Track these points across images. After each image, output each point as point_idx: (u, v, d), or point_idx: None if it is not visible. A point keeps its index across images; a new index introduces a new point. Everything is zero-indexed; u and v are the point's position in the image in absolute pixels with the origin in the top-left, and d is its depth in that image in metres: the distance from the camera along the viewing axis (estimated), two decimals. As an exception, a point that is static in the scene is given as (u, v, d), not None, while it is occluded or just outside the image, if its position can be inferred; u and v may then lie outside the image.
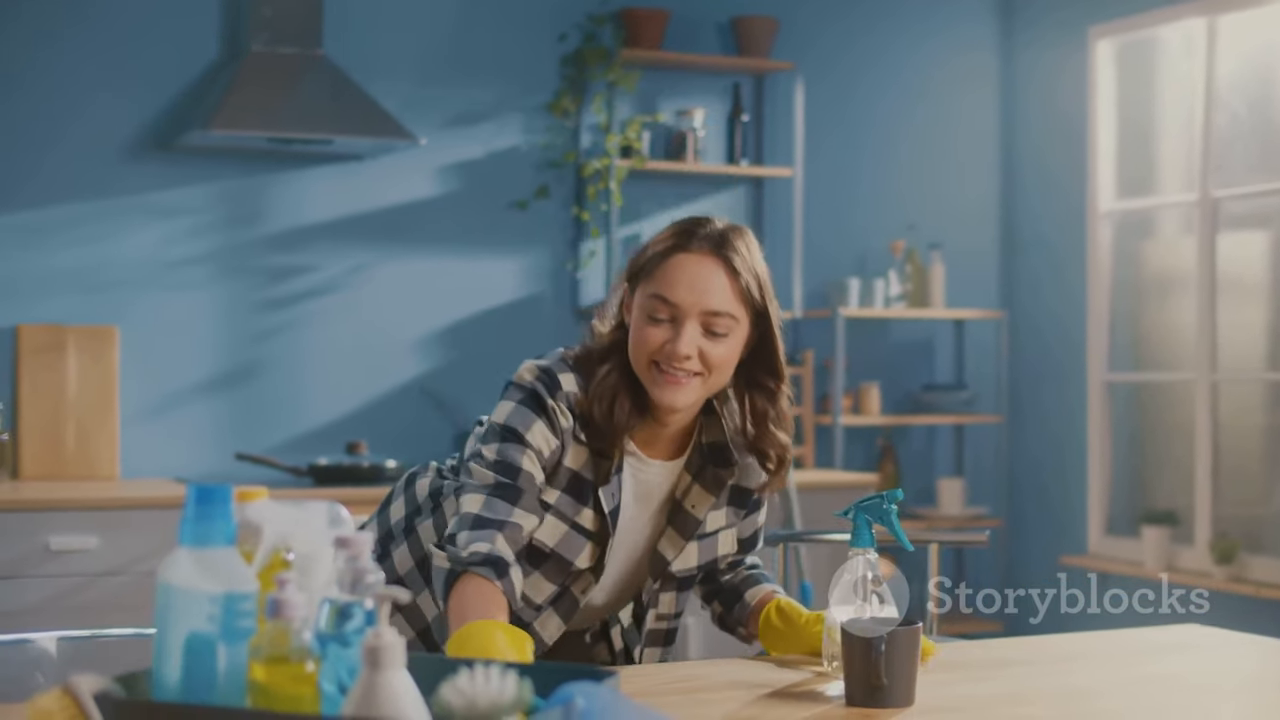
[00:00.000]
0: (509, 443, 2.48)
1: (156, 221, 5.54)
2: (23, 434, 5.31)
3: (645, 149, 6.07)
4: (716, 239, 2.49)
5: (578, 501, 2.54)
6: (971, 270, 6.73)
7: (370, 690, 1.47)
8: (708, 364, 2.48)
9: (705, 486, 2.63)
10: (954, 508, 6.47)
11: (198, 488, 1.58)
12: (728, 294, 2.47)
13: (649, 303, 2.48)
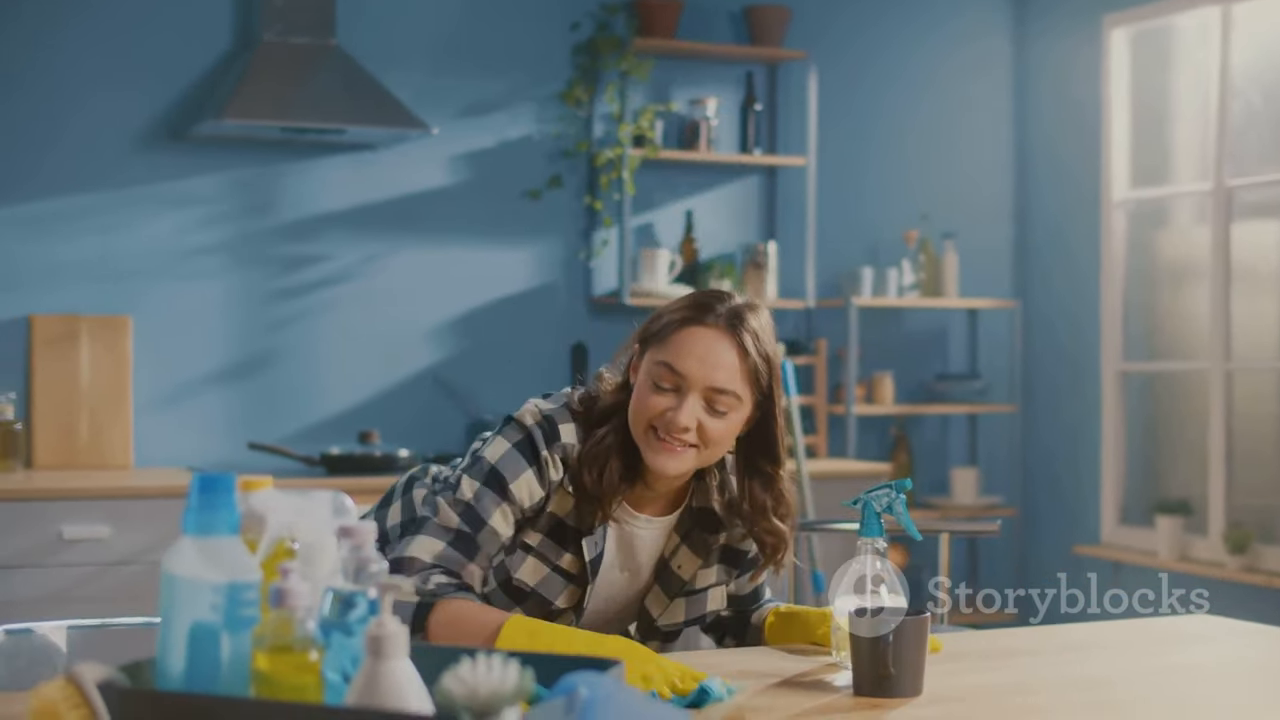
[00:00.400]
0: (489, 489, 2.50)
1: (170, 211, 5.54)
2: (36, 423, 5.32)
3: (658, 138, 6.06)
4: (732, 316, 2.49)
5: (559, 545, 2.56)
6: (985, 260, 6.71)
7: (373, 679, 1.47)
8: (705, 438, 2.49)
9: (693, 549, 2.65)
10: (967, 497, 6.46)
11: (201, 477, 1.58)
12: (735, 373, 2.48)
13: (656, 369, 2.49)
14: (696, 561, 2.65)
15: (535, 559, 2.55)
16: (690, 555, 2.65)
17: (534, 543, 2.55)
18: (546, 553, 2.55)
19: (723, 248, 6.32)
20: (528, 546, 2.55)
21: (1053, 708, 2.23)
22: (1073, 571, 6.46)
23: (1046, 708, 2.24)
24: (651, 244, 6.18)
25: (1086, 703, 2.27)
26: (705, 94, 6.22)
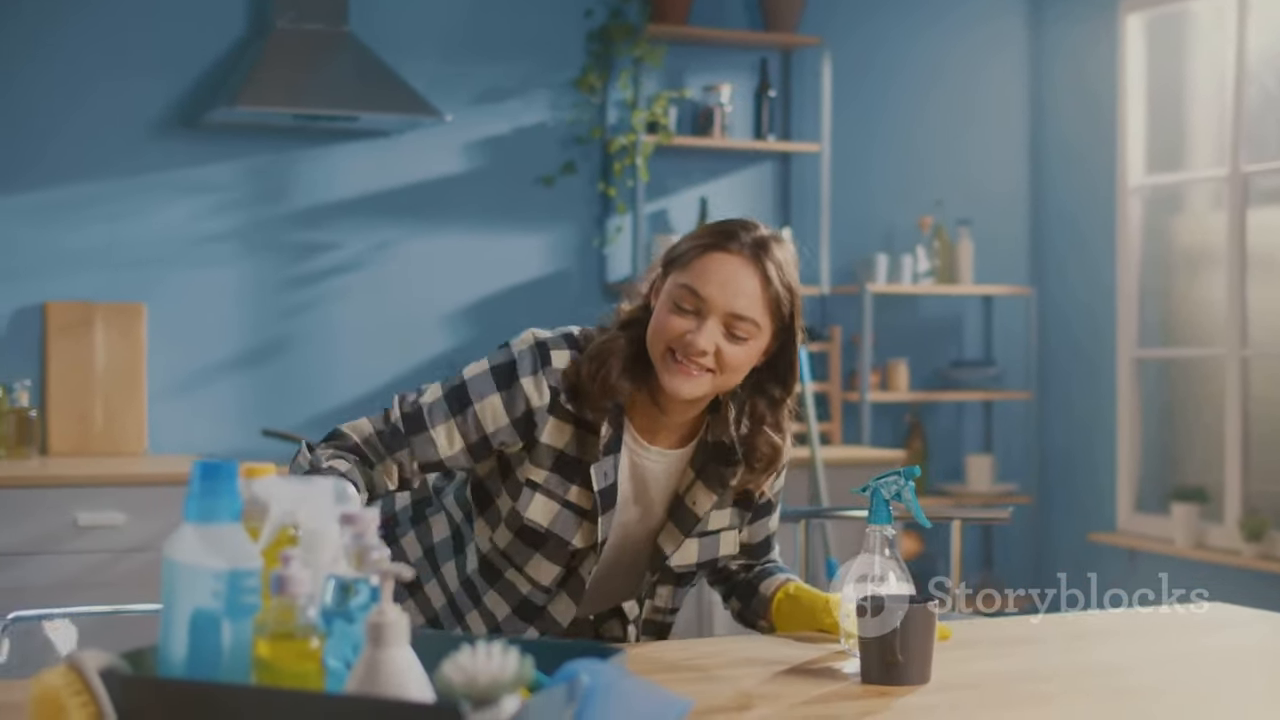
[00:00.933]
0: (447, 402, 2.50)
1: (183, 198, 5.55)
2: (51, 410, 5.33)
3: (672, 125, 6.05)
4: (757, 244, 2.48)
5: (565, 479, 2.54)
6: (1000, 246, 6.70)
7: (373, 667, 1.47)
8: (722, 363, 2.47)
9: (708, 484, 2.63)
10: (982, 485, 6.45)
11: (203, 464, 1.58)
12: (756, 300, 2.46)
13: (678, 291, 2.47)
14: (711, 497, 2.62)
15: (543, 495, 2.53)
16: (705, 490, 2.62)
17: (540, 479, 2.53)
18: (554, 488, 2.53)
19: (737, 234, 6.29)
20: (534, 483, 2.53)
21: (1062, 695, 2.23)
22: (1087, 559, 6.47)
23: (1056, 695, 2.23)
24: (666, 230, 6.18)
25: (1096, 689, 2.26)
26: (719, 80, 6.21)
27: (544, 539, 2.56)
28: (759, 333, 2.48)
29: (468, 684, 1.35)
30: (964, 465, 6.55)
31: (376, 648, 1.47)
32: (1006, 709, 2.15)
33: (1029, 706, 2.16)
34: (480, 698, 1.36)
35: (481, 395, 2.49)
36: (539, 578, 2.59)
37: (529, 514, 2.53)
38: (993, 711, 2.14)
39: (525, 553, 2.58)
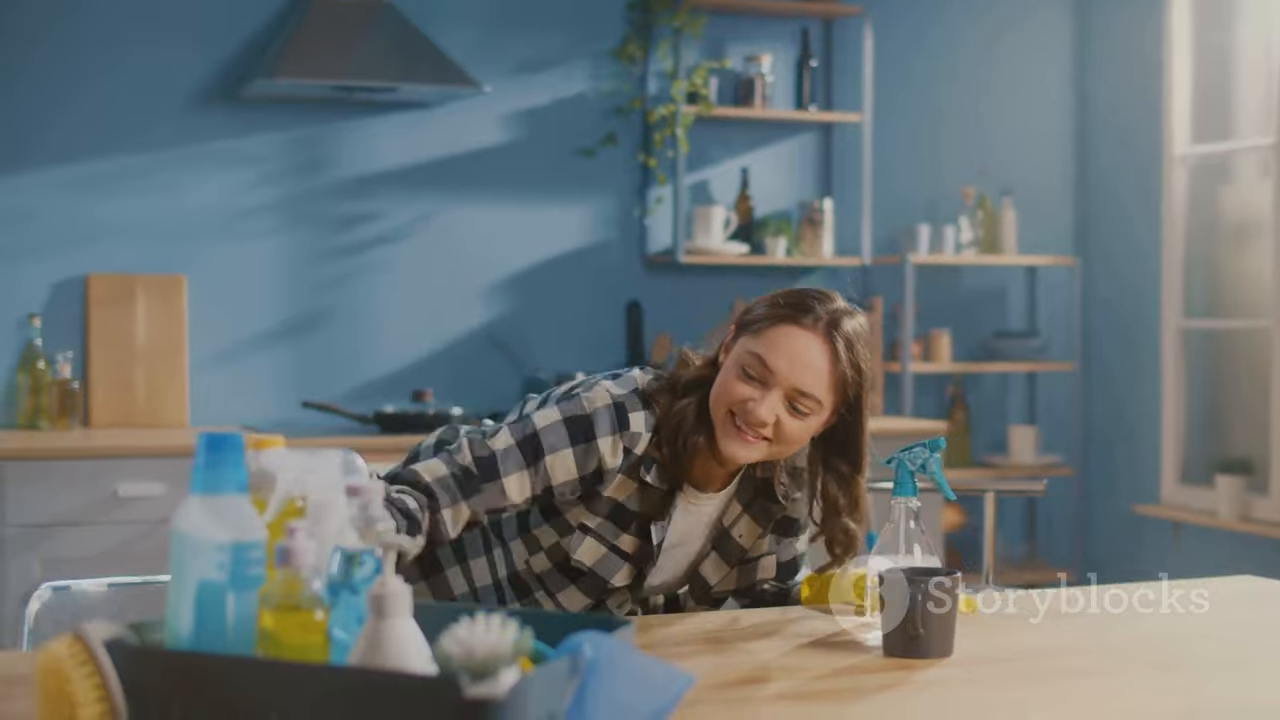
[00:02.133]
0: (521, 451, 2.49)
1: (224, 170, 5.56)
2: (93, 382, 5.36)
3: (712, 95, 6.02)
4: (831, 322, 2.49)
5: (618, 527, 2.57)
6: (1044, 216, 6.64)
7: (376, 638, 1.47)
8: (780, 435, 2.49)
9: (755, 518, 2.65)
10: (1026, 456, 6.41)
11: (208, 436, 1.58)
12: (822, 378, 2.47)
13: (746, 358, 2.49)
14: (757, 530, 2.66)
15: (594, 539, 2.56)
16: (752, 524, 2.65)
17: (593, 525, 2.56)
18: (605, 534, 2.56)
19: (778, 205, 6.28)
20: (586, 528, 2.56)
21: (1086, 670, 2.21)
22: (1130, 531, 6.43)
23: (1078, 670, 2.21)
24: (707, 201, 6.15)
25: (1120, 665, 2.24)
26: (760, 50, 6.17)
27: (582, 575, 2.59)
28: (820, 409, 2.49)
29: (465, 656, 1.35)
30: (1007, 436, 6.51)
31: (379, 619, 1.47)
32: (1024, 683, 2.14)
33: (1047, 680, 2.15)
34: (478, 670, 1.35)
35: (554, 448, 2.49)
36: (568, 605, 2.62)
37: (577, 555, 2.56)
38: (1010, 686, 2.12)
39: (560, 582, 2.61)
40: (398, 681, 1.40)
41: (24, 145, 5.32)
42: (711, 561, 2.66)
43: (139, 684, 1.49)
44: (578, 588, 2.60)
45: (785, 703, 2.03)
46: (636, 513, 2.56)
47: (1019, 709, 2.00)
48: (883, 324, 6.27)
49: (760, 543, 2.68)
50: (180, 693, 1.48)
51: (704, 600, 2.70)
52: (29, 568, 4.70)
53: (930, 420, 6.16)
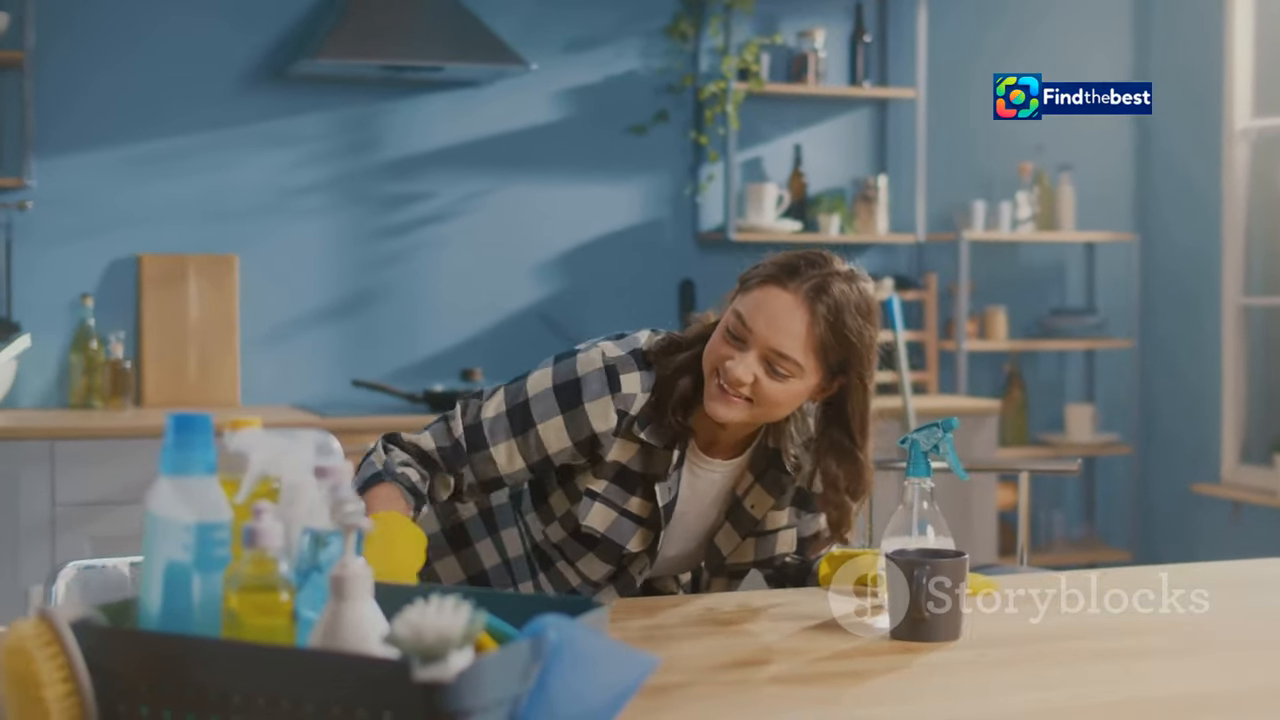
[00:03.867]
0: (509, 420, 2.50)
1: (274, 150, 5.58)
2: (145, 362, 5.40)
3: (764, 72, 5.98)
4: (817, 287, 2.44)
5: (626, 490, 2.55)
6: (1102, 192, 6.56)
7: (335, 621, 1.46)
8: (759, 395, 2.45)
9: (767, 488, 2.62)
10: (1083, 435, 6.34)
11: (176, 417, 1.58)
12: (799, 342, 2.43)
13: (731, 317, 2.46)
14: (769, 500, 2.62)
15: (602, 505, 2.54)
16: (764, 494, 2.62)
17: (600, 489, 2.54)
18: (613, 498, 2.54)
19: (832, 182, 6.24)
20: (593, 493, 2.54)
21: (1096, 654, 2.17)
22: (1189, 511, 6.34)
23: (1088, 652, 2.17)
24: (760, 179, 6.12)
25: (1131, 650, 2.20)
26: (813, 26, 6.12)
27: (596, 543, 2.58)
28: (802, 374, 2.44)
29: (414, 639, 1.34)
30: (1064, 415, 6.44)
31: (338, 601, 1.47)
32: (1027, 666, 2.11)
33: (1052, 664, 2.11)
34: (427, 653, 1.34)
35: (544, 417, 2.48)
36: (589, 574, 2.62)
37: (587, 521, 2.55)
38: (1015, 668, 2.09)
39: (578, 550, 2.60)
40: (347, 664, 1.40)
41: (76, 127, 5.36)
42: (725, 532, 2.63)
43: (105, 664, 1.50)
44: (595, 555, 2.59)
45: (781, 685, 2.01)
46: (641, 474, 2.53)
47: (1017, 691, 1.97)
48: (937, 302, 6.22)
49: (777, 515, 2.65)
50: (145, 673, 1.48)
51: (720, 573, 2.67)
52: (80, 545, 4.75)
53: (985, 399, 6.10)
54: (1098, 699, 1.94)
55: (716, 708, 1.90)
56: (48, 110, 5.31)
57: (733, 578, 2.70)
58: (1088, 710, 1.89)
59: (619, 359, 2.51)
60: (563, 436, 2.49)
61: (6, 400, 5.23)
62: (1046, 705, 1.91)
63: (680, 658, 2.14)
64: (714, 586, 2.69)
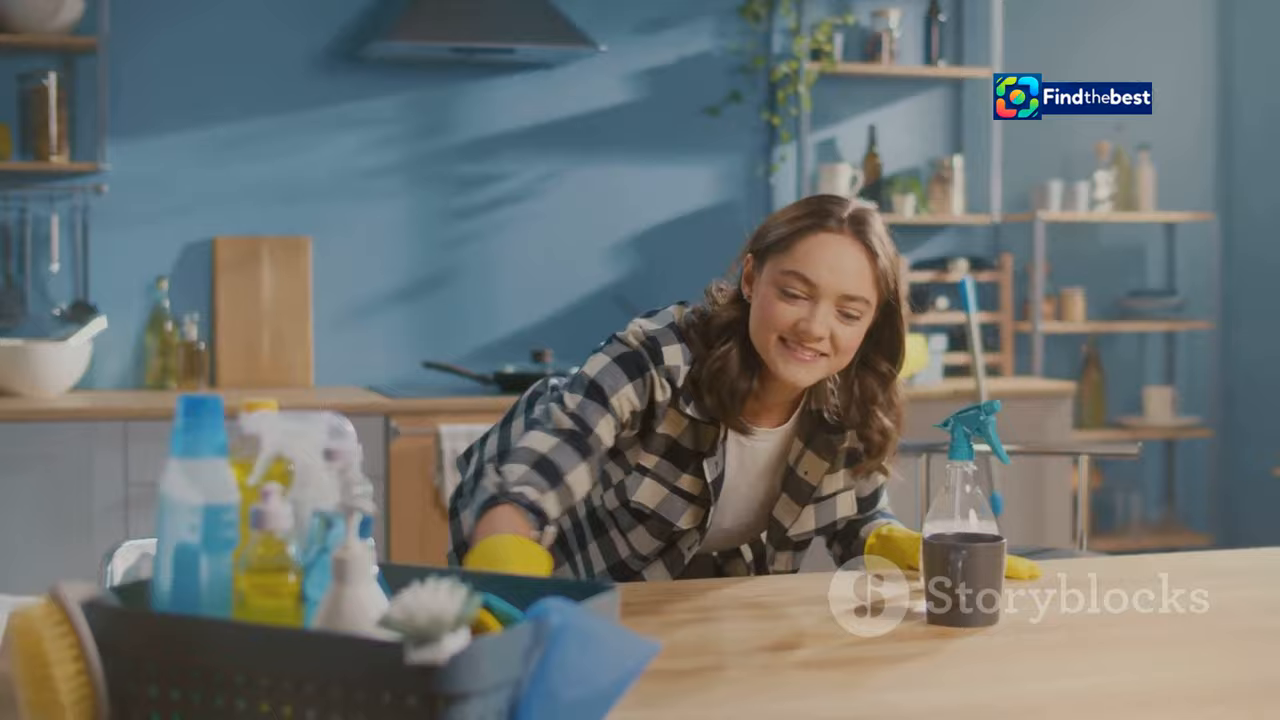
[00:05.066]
0: (592, 399, 2.46)
1: (347, 132, 5.61)
2: (219, 343, 5.45)
3: (838, 51, 5.94)
4: (855, 221, 2.44)
5: (676, 467, 2.54)
6: (1183, 171, 6.46)
7: (335, 603, 1.47)
8: (836, 346, 2.44)
9: (818, 453, 2.60)
10: (1163, 417, 6.26)
11: (187, 399, 1.59)
12: (866, 278, 2.43)
13: (783, 279, 2.44)
14: (823, 465, 2.60)
15: (653, 481, 2.54)
16: (816, 459, 2.60)
17: (650, 465, 2.53)
18: (664, 475, 2.54)
19: (907, 162, 6.19)
20: (644, 469, 2.53)
21: (1128, 640, 2.14)
22: (1271, 494, 6.25)
23: (1122, 640, 2.14)
24: (834, 159, 6.08)
25: (1167, 638, 2.16)
26: (887, 5, 6.07)
27: (647, 518, 2.57)
28: (869, 310, 2.45)
29: (407, 621, 1.35)
30: (1143, 397, 6.36)
31: (340, 584, 1.47)
32: (1060, 652, 2.07)
33: (1086, 651, 2.08)
34: (420, 636, 1.34)
35: (615, 388, 2.47)
36: (639, 547, 2.61)
37: (636, 497, 2.54)
38: (1045, 654, 2.07)
39: (629, 522, 2.60)
40: (344, 645, 1.40)
41: (150, 112, 5.42)
42: (783, 503, 2.61)
43: (114, 644, 1.51)
44: (645, 529, 2.58)
45: (808, 669, 2.00)
46: (691, 450, 2.52)
47: (1045, 679, 1.95)
48: (1012, 283, 6.16)
49: (832, 480, 2.63)
50: (152, 653, 1.49)
51: (784, 545, 2.66)
52: (152, 525, 4.79)
53: (1061, 381, 6.03)
54: (1121, 688, 1.91)
55: (740, 690, 1.89)
56: (123, 95, 5.36)
57: (797, 549, 2.68)
58: (1109, 699, 1.86)
59: (659, 332, 2.51)
60: (634, 401, 2.47)
61: (83, 381, 5.30)
62: (1070, 693, 1.88)
63: (714, 640, 2.14)
64: (778, 561, 2.68)
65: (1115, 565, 2.84)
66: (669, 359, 2.48)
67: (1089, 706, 1.83)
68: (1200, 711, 1.82)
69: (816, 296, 2.41)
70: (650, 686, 1.87)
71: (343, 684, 1.40)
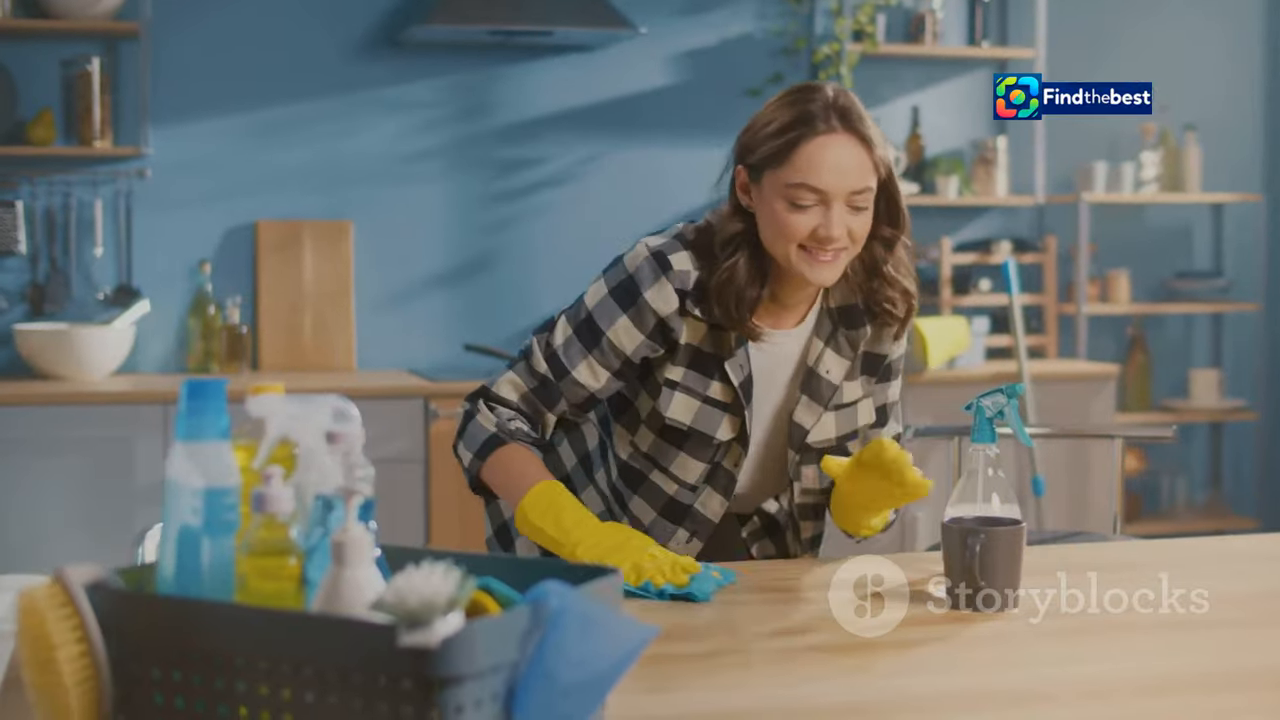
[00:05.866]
0: (579, 339, 2.52)
1: (388, 116, 5.63)
2: (261, 327, 5.48)
3: (880, 33, 5.91)
4: (843, 114, 2.43)
5: (704, 375, 2.54)
6: (1231, 152, 6.40)
7: (334, 586, 1.47)
8: (854, 238, 2.45)
9: (838, 351, 2.59)
10: (1209, 400, 6.21)
11: (190, 383, 1.59)
12: (867, 167, 2.43)
13: (789, 191, 2.42)
14: (844, 363, 2.59)
15: (683, 394, 2.54)
16: (836, 358, 2.59)
17: (678, 377, 2.54)
18: (693, 385, 2.54)
19: (951, 143, 6.16)
20: (673, 383, 2.54)
21: (1141, 626, 2.12)
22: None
23: (1137, 625, 2.12)
24: (876, 141, 6.04)
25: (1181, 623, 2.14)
26: (930, -15, 6.05)
27: (687, 436, 2.57)
28: (873, 192, 2.46)
29: (398, 604, 1.35)
30: (1189, 380, 6.31)
31: (338, 566, 1.48)
32: (1071, 638, 2.05)
33: (1104, 638, 2.06)
34: (411, 619, 1.35)
35: (610, 321, 2.50)
36: (685, 476, 2.60)
37: (670, 413, 2.54)
38: (1057, 640, 2.05)
39: (669, 452, 2.59)
40: (337, 628, 1.41)
41: (192, 96, 5.45)
42: (803, 406, 2.59)
43: (118, 626, 1.52)
44: (687, 453, 2.58)
45: (819, 653, 1.99)
46: (714, 355, 2.53)
47: (1059, 664, 1.93)
48: (1057, 264, 6.12)
49: (851, 387, 2.62)
50: (154, 635, 1.50)
51: (807, 454, 2.61)
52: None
53: (1106, 363, 5.99)
54: (1134, 674, 1.89)
55: (751, 675, 1.89)
56: (165, 80, 5.40)
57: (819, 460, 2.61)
58: (1121, 685, 1.85)
59: (663, 244, 2.52)
60: (633, 334, 2.50)
61: (126, 365, 5.34)
62: (1082, 679, 1.87)
63: (727, 623, 2.14)
64: (805, 476, 2.63)
65: (1141, 550, 2.82)
66: (677, 265, 2.49)
67: (1101, 693, 1.82)
68: (1215, 697, 1.80)
69: (828, 200, 2.41)
70: (662, 669, 1.87)
71: (339, 667, 1.41)
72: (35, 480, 4.84)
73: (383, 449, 4.85)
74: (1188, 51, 6.38)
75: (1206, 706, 1.78)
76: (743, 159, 2.49)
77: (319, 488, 1.59)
